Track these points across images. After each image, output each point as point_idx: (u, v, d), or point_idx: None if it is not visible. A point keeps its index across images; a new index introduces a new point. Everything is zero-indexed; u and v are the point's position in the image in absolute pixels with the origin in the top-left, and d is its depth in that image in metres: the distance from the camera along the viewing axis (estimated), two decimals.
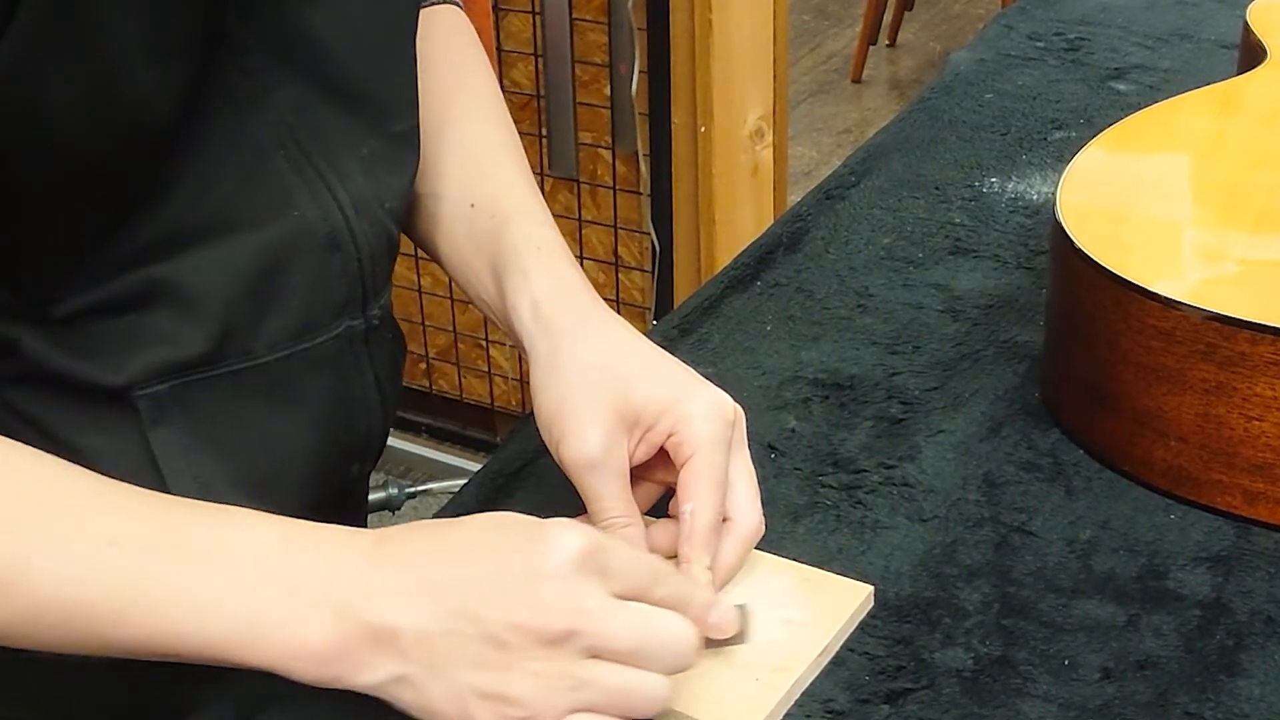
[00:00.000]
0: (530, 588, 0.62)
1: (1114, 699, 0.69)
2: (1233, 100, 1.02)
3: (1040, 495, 0.82)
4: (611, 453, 0.73)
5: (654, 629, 0.64)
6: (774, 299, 1.00)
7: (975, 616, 0.74)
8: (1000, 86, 1.29)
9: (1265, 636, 0.72)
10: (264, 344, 0.78)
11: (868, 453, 0.85)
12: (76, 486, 0.67)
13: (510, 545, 0.65)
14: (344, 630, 0.63)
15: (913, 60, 4.07)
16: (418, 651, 0.63)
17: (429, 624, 0.63)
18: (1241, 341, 0.76)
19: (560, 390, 0.75)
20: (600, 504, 0.73)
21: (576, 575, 0.63)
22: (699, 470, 0.73)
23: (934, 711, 0.68)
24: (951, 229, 1.08)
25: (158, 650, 0.65)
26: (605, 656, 0.63)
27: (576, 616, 0.62)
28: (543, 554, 0.63)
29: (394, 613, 0.63)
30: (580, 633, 0.62)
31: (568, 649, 0.62)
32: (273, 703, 0.70)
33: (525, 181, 0.86)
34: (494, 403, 2.42)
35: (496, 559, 0.64)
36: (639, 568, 0.65)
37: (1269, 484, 0.78)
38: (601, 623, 0.62)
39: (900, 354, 0.94)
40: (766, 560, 0.76)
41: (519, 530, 0.65)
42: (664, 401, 0.74)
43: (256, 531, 0.66)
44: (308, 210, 0.77)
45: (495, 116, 0.90)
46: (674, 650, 0.64)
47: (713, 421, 0.74)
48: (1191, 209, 0.89)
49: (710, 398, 0.75)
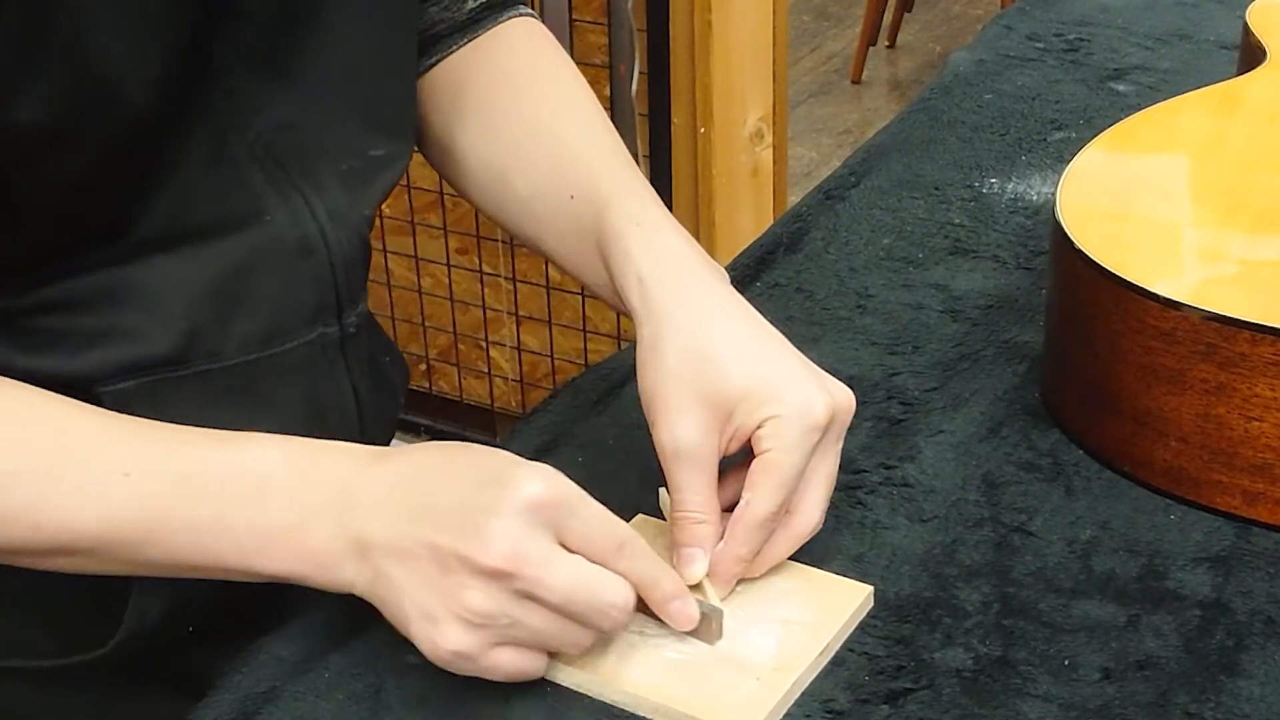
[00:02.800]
0: (480, 522, 0.66)
1: (1114, 699, 0.69)
2: (1233, 101, 1.02)
3: (1040, 495, 0.82)
4: (699, 445, 0.73)
5: (588, 586, 0.66)
6: (774, 299, 1.00)
7: (975, 616, 0.74)
8: (1000, 87, 1.29)
9: (1265, 636, 0.72)
10: (232, 346, 0.78)
11: (868, 453, 0.85)
12: (92, 422, 0.71)
13: (480, 479, 0.68)
14: (339, 536, 0.68)
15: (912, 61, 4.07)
16: (384, 563, 0.67)
17: (394, 539, 0.67)
18: (1241, 342, 0.76)
19: (657, 375, 0.75)
20: (680, 495, 0.73)
21: (527, 520, 0.66)
22: (767, 465, 0.73)
23: (934, 711, 0.68)
24: (951, 229, 1.08)
25: (182, 567, 0.71)
26: (540, 602, 0.66)
27: (514, 558, 0.65)
28: (501, 493, 0.66)
29: (370, 525, 0.68)
30: (514, 575, 0.65)
31: (502, 587, 0.65)
32: (273, 703, 0.70)
33: (620, 162, 0.86)
34: (494, 404, 2.42)
35: (463, 490, 0.68)
36: (602, 531, 0.67)
37: (1269, 484, 0.78)
38: (537, 569, 0.65)
39: (900, 354, 0.94)
40: None
41: (495, 466, 0.69)
42: (757, 396, 0.73)
43: (265, 449, 0.71)
44: (279, 217, 0.78)
45: (581, 106, 0.90)
46: (602, 611, 0.67)
47: (797, 423, 0.73)
48: (1191, 209, 0.89)
49: (801, 398, 0.74)
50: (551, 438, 0.87)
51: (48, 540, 0.69)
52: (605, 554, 0.67)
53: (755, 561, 0.74)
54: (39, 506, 0.69)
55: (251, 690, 0.71)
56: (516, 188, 0.87)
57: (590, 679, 0.70)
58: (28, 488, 0.69)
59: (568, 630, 0.67)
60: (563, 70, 0.92)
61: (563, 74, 0.92)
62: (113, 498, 0.69)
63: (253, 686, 0.71)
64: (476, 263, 2.29)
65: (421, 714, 0.69)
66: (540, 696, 0.69)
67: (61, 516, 0.69)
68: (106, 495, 0.69)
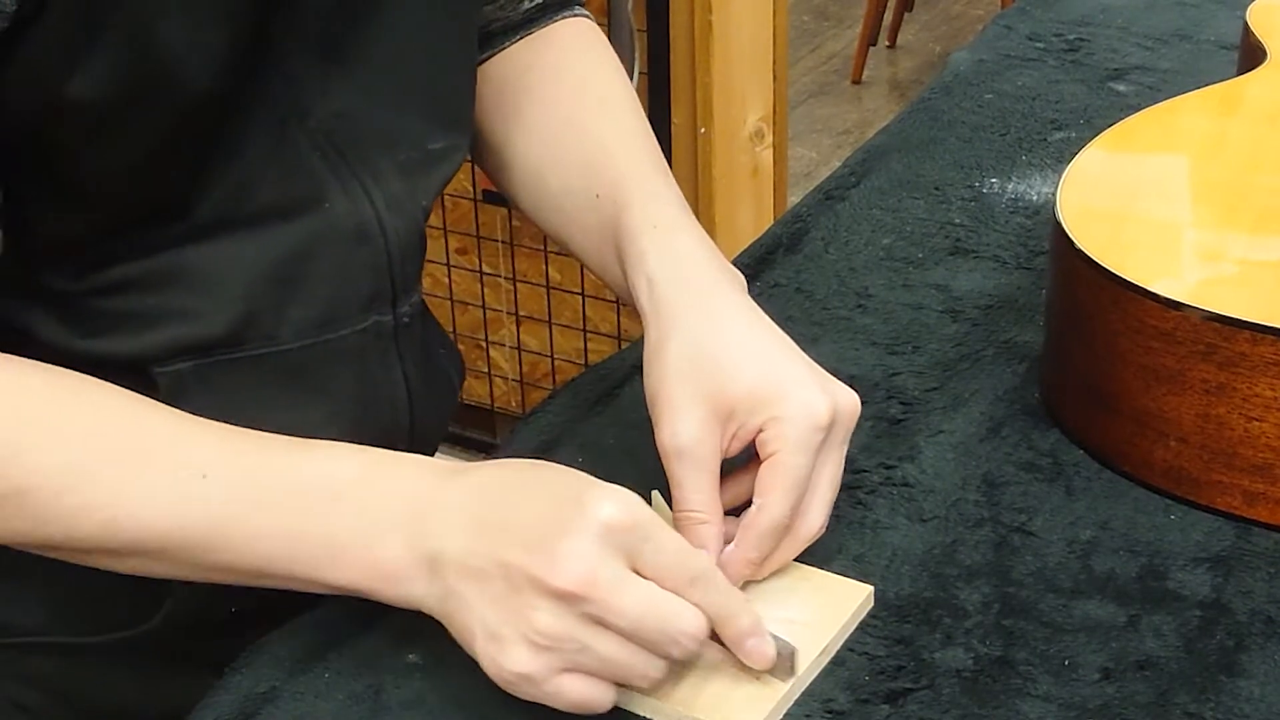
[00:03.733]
0: (553, 543, 0.64)
1: (1114, 699, 0.69)
2: (1233, 101, 1.02)
3: (1040, 495, 0.82)
4: (701, 444, 0.73)
5: (660, 614, 0.65)
6: (774, 299, 1.00)
7: (975, 616, 0.74)
8: (1000, 87, 1.29)
9: (1265, 636, 0.72)
10: (289, 331, 0.78)
11: (868, 453, 0.85)
12: (168, 423, 0.71)
13: (555, 498, 0.67)
14: (410, 551, 0.67)
15: (912, 61, 4.07)
16: (454, 580, 0.66)
17: (465, 557, 0.66)
18: (1241, 342, 0.76)
19: (661, 375, 0.75)
20: (682, 493, 0.73)
21: (600, 543, 0.64)
22: (775, 469, 0.73)
23: (934, 711, 0.68)
24: (951, 229, 1.08)
25: (248, 574, 0.70)
26: (609, 627, 0.64)
27: (586, 581, 0.63)
28: (577, 514, 0.65)
29: (443, 541, 0.67)
30: (585, 598, 0.63)
31: (573, 610, 0.64)
32: (273, 703, 0.70)
33: (650, 164, 0.86)
34: (494, 404, 2.42)
35: (537, 509, 0.66)
36: (678, 560, 0.66)
37: (1269, 484, 0.78)
38: (608, 593, 0.64)
39: (900, 354, 0.94)
40: None
41: (571, 486, 0.68)
42: (759, 397, 0.73)
43: (340, 462, 0.70)
44: (338, 203, 0.78)
45: (621, 107, 0.90)
46: (674, 639, 0.65)
47: (800, 424, 0.73)
48: (1191, 209, 0.89)
49: (805, 399, 0.73)
50: (551, 438, 0.87)
51: (121, 538, 0.69)
52: (679, 583, 0.66)
53: (761, 565, 0.74)
54: (115, 503, 0.68)
55: (251, 690, 0.71)
56: (550, 184, 0.87)
57: None
58: (105, 484, 0.68)
59: (638, 659, 0.65)
60: (607, 70, 0.92)
61: (607, 74, 0.92)
62: (189, 499, 0.68)
63: (253, 687, 0.71)
64: (476, 263, 2.29)
65: (421, 714, 0.69)
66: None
67: (135, 513, 0.68)
68: (182, 496, 0.68)
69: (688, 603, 0.65)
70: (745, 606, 0.68)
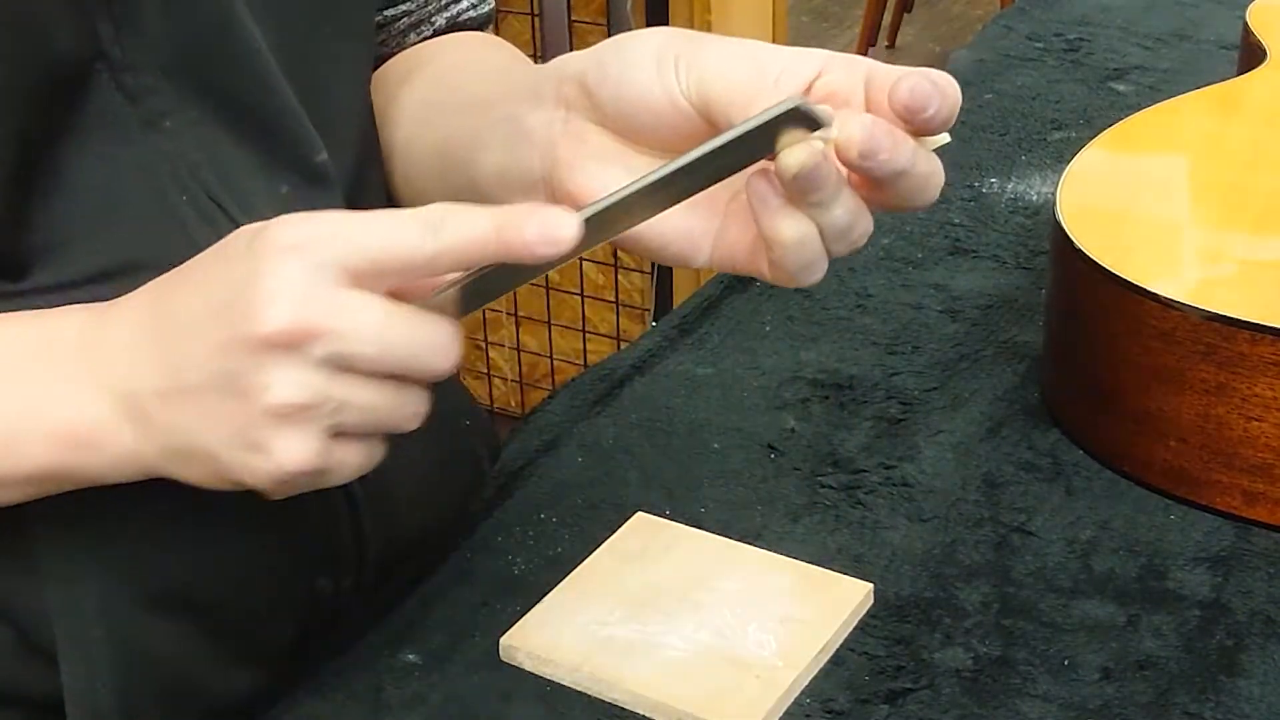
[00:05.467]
0: (244, 297, 0.54)
1: (1114, 699, 0.69)
2: (1232, 101, 1.02)
3: (1040, 495, 0.82)
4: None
5: (402, 319, 0.55)
6: (773, 299, 1.00)
7: (975, 616, 0.74)
8: (1000, 87, 1.29)
9: (1265, 636, 0.72)
10: None
11: (868, 453, 0.85)
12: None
13: (223, 264, 0.56)
14: (99, 403, 0.58)
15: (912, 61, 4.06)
16: (163, 411, 0.56)
17: (162, 380, 0.56)
18: (1241, 342, 0.76)
19: (643, 52, 0.62)
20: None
21: (296, 270, 0.53)
22: (854, 67, 0.59)
23: (934, 711, 0.68)
24: (951, 229, 1.08)
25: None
26: (356, 367, 0.54)
27: (297, 315, 0.53)
28: (254, 259, 0.54)
29: (129, 377, 0.57)
30: (307, 334, 0.53)
31: (305, 359, 0.54)
32: (273, 703, 0.70)
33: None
34: (493, 404, 2.42)
35: (209, 288, 0.56)
36: (392, 241, 0.54)
37: (1269, 484, 0.78)
38: (330, 318, 0.53)
39: (900, 354, 0.94)
40: (766, 558, 0.76)
41: (231, 245, 0.56)
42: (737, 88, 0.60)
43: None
44: None
45: (489, 53, 0.82)
46: (432, 346, 0.55)
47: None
48: (1191, 209, 0.89)
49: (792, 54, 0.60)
50: (551, 438, 0.87)
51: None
52: (410, 262, 0.54)
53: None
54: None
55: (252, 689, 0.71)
56: (424, 138, 0.77)
57: (590, 679, 0.70)
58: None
59: (401, 395, 0.56)
60: (494, 45, 0.84)
61: (493, 47, 0.84)
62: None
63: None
64: None
65: (420, 714, 0.69)
66: (540, 696, 0.69)
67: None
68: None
69: (423, 309, 0.55)
70: (486, 213, 0.54)
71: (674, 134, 0.61)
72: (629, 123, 0.63)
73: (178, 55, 0.65)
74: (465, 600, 0.75)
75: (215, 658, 0.70)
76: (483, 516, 0.81)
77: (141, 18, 0.63)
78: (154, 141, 0.65)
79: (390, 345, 0.54)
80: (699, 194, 0.58)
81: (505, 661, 0.71)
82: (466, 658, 0.71)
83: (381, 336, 0.54)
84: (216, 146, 0.66)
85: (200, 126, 0.66)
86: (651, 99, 0.62)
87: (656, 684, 0.69)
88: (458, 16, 0.85)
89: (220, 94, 0.66)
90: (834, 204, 0.58)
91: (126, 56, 0.63)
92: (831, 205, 0.58)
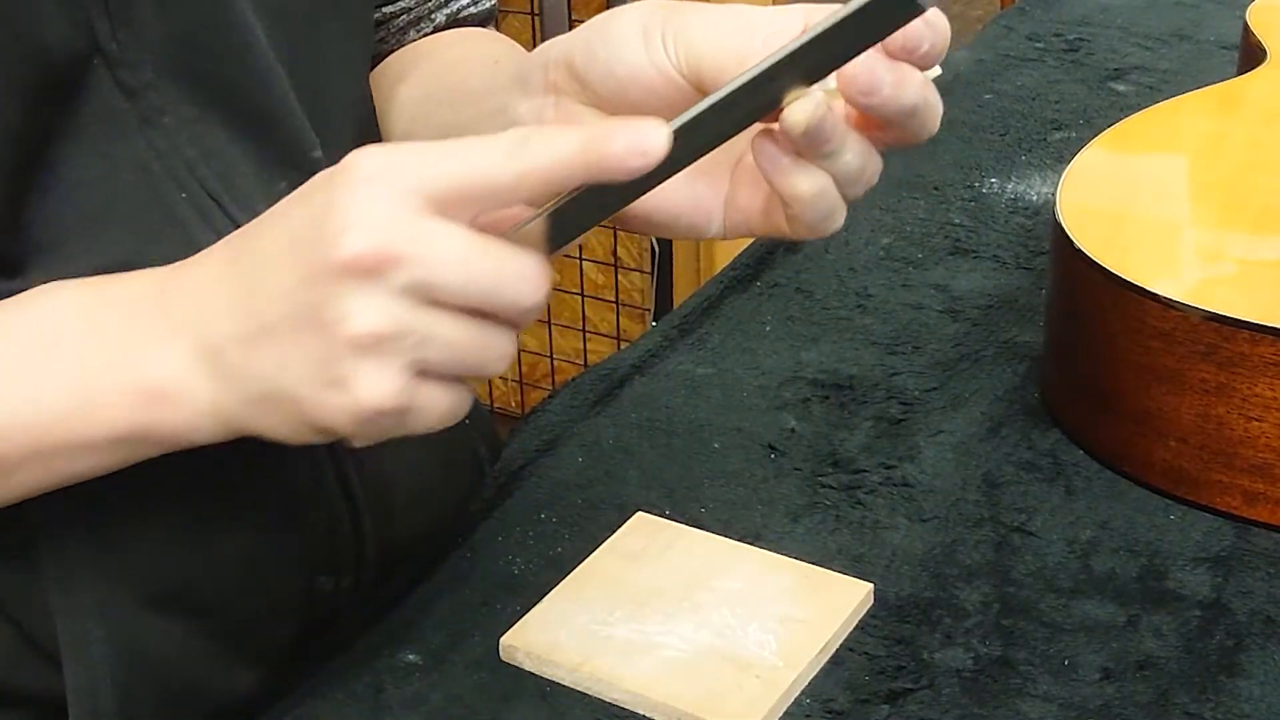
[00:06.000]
0: (325, 227, 0.52)
1: (1114, 699, 0.69)
2: (1232, 101, 1.02)
3: (1040, 495, 0.82)
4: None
5: (485, 250, 0.53)
6: (773, 299, 1.00)
7: (975, 616, 0.74)
8: (999, 87, 1.29)
9: (1265, 636, 0.72)
10: None
11: (868, 453, 0.85)
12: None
13: (303, 194, 0.55)
14: (176, 351, 0.56)
15: None
16: (242, 356, 0.54)
17: (241, 323, 0.54)
18: (1241, 342, 0.76)
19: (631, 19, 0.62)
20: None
21: (377, 196, 0.52)
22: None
23: (934, 711, 0.68)
24: (951, 229, 1.08)
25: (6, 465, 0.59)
26: (439, 298, 0.52)
27: (378, 240, 0.51)
28: (334, 183, 0.53)
29: (206, 322, 0.55)
30: (389, 259, 0.51)
31: (386, 287, 0.52)
32: (272, 702, 0.70)
33: None
34: (493, 404, 2.42)
35: (289, 225, 0.54)
36: (478, 170, 0.52)
37: (1269, 484, 0.78)
38: (414, 244, 0.51)
39: (900, 354, 0.94)
40: (766, 558, 0.76)
41: (319, 176, 0.55)
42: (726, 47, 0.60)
43: (54, 298, 0.59)
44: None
45: (486, 46, 0.82)
46: (519, 278, 0.53)
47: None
48: (1191, 209, 0.89)
49: None
50: (551, 438, 0.87)
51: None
52: (494, 186, 0.52)
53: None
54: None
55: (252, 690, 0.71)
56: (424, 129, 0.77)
57: (590, 679, 0.70)
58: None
59: (487, 333, 0.54)
60: (491, 38, 0.84)
61: (485, 41, 0.84)
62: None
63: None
64: None
65: (420, 714, 0.69)
66: (540, 696, 0.69)
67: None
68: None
69: (510, 243, 0.54)
70: (581, 131, 0.53)
71: (668, 107, 0.60)
72: (622, 100, 0.63)
73: (176, 51, 0.64)
74: (465, 600, 0.75)
75: (215, 657, 0.70)
76: (483, 516, 0.81)
77: (138, 13, 0.63)
78: (151, 138, 0.64)
79: (474, 275, 0.52)
80: (704, 160, 0.57)
81: (505, 661, 0.71)
82: (466, 658, 0.71)
83: (465, 265, 0.52)
84: (214, 143, 0.66)
85: (198, 123, 0.65)
86: (643, 75, 0.61)
87: (656, 684, 0.69)
88: (458, 13, 0.85)
89: (218, 89, 0.66)
90: (844, 151, 0.58)
91: (124, 52, 0.63)
92: (842, 152, 0.58)
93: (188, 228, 0.65)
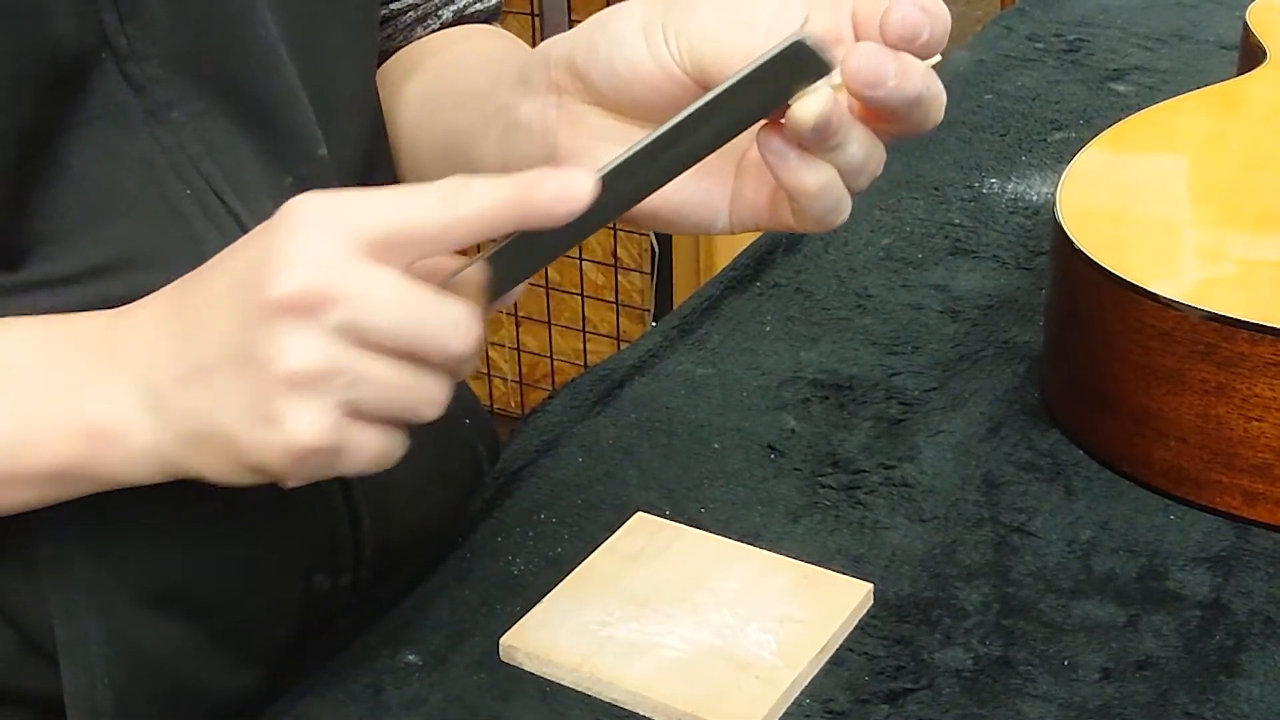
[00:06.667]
0: (262, 268, 0.53)
1: (1114, 699, 0.69)
2: (1232, 101, 1.02)
3: (1040, 495, 0.82)
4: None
5: (419, 293, 0.54)
6: (773, 299, 1.00)
7: (975, 616, 0.74)
8: (1000, 87, 1.29)
9: (1265, 636, 0.72)
10: None
11: (867, 453, 0.85)
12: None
13: (246, 247, 0.56)
14: (115, 391, 0.57)
15: None
16: (180, 395, 0.55)
17: (178, 359, 0.56)
18: (1241, 342, 0.76)
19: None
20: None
21: (315, 238, 0.53)
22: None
23: (934, 711, 0.68)
24: (951, 229, 1.08)
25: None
26: (369, 339, 0.53)
27: (311, 279, 0.52)
28: (274, 227, 0.54)
29: (147, 362, 0.56)
30: (322, 299, 0.52)
31: (318, 326, 0.53)
32: (272, 702, 0.70)
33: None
34: (493, 404, 2.42)
35: (230, 267, 0.56)
36: (412, 217, 0.53)
37: (1269, 484, 0.78)
38: (346, 284, 0.52)
39: (900, 354, 0.94)
40: (765, 558, 0.76)
41: (255, 234, 0.56)
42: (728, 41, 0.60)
43: (10, 335, 0.60)
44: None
45: (491, 44, 0.82)
46: (449, 324, 0.54)
47: None
48: (1191, 209, 0.89)
49: None
50: (551, 438, 0.87)
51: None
52: (428, 232, 0.53)
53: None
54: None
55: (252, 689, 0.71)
56: (431, 128, 0.78)
57: (590, 679, 0.70)
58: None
59: (419, 377, 0.54)
60: (495, 35, 0.84)
61: (494, 37, 0.84)
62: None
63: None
64: None
65: (420, 714, 0.69)
66: (540, 697, 0.69)
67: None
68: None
69: (440, 291, 0.54)
70: (507, 180, 0.54)
71: (672, 104, 0.60)
72: (625, 98, 0.63)
73: (184, 45, 0.65)
74: (465, 600, 0.75)
75: (213, 657, 0.70)
76: (482, 516, 0.81)
77: (146, 7, 0.63)
78: (157, 133, 0.65)
79: (405, 319, 0.53)
80: (710, 156, 0.58)
81: (505, 661, 0.71)
82: (466, 658, 0.71)
83: (395, 309, 0.53)
84: (220, 138, 0.66)
85: (204, 117, 0.66)
86: (645, 72, 0.62)
87: (656, 684, 0.69)
88: (464, 10, 0.85)
89: (226, 84, 0.66)
90: (849, 143, 0.58)
91: (132, 46, 0.63)
92: (847, 145, 0.58)
93: (192, 223, 0.65)
